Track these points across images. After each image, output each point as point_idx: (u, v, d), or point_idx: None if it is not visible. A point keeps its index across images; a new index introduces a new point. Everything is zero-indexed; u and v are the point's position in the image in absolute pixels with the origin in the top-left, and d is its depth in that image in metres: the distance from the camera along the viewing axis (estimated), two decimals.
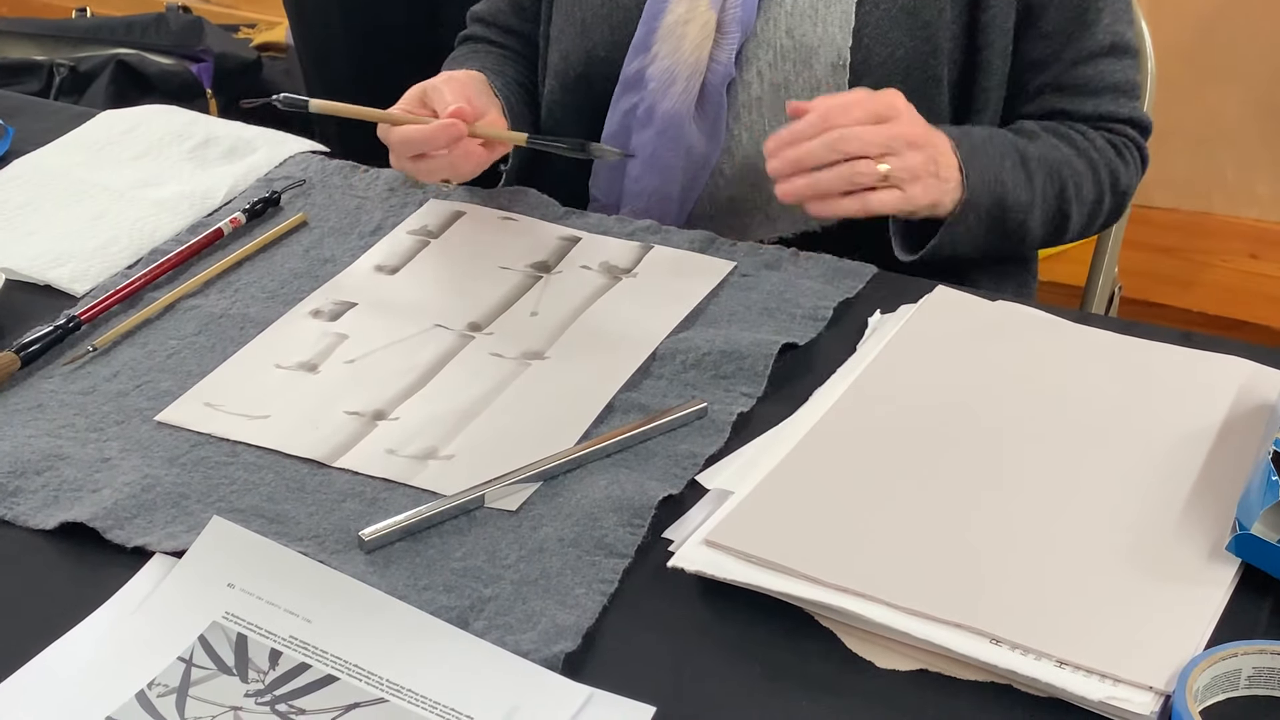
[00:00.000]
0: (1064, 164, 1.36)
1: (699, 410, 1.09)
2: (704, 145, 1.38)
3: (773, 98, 1.36)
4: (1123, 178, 1.41)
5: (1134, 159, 1.42)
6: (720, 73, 1.36)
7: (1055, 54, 1.38)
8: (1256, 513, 0.93)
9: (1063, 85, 1.39)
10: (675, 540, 0.98)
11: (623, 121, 1.40)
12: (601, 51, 1.41)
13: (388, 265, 1.28)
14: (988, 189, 1.29)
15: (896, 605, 0.91)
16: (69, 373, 1.15)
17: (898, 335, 1.16)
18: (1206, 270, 2.60)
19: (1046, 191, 1.34)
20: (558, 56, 1.45)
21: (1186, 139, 2.63)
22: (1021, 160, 1.33)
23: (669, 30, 1.37)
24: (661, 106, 1.37)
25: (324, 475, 1.05)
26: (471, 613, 0.93)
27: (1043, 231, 1.36)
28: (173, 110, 1.55)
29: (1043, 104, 1.40)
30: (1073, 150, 1.37)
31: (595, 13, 1.41)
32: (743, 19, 1.35)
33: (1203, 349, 1.13)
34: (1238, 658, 0.86)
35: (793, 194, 1.23)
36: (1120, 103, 1.40)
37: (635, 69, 1.38)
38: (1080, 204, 1.37)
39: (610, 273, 1.26)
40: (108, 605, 0.94)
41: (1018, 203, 1.32)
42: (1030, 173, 1.33)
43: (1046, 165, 1.35)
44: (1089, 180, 1.38)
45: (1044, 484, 1.01)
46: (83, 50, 2.74)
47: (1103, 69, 1.39)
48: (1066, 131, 1.38)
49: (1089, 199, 1.38)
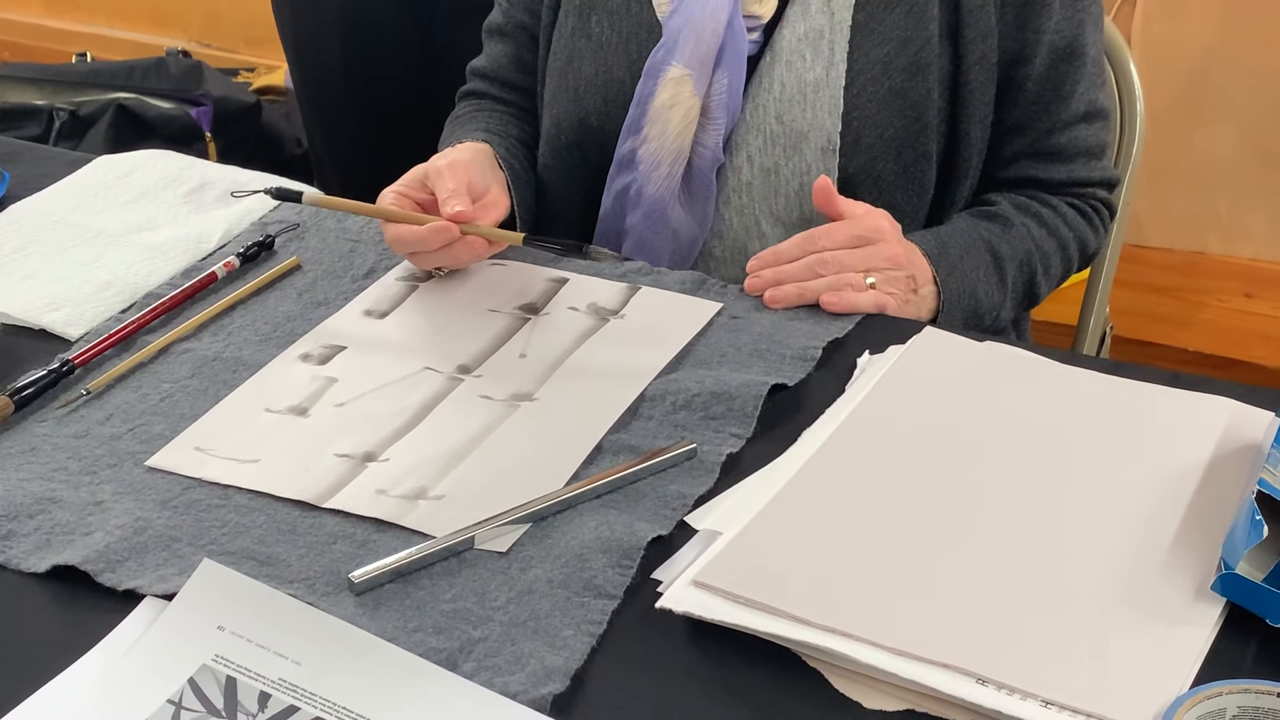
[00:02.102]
0: (1034, 251, 1.41)
1: (688, 451, 1.09)
2: (691, 229, 1.39)
3: (763, 182, 1.38)
4: (1090, 244, 1.48)
5: (1101, 221, 1.48)
6: (708, 158, 1.37)
7: (1031, 123, 1.40)
8: (1241, 552, 0.93)
9: (1037, 152, 1.41)
10: (664, 581, 0.98)
11: (617, 201, 1.41)
12: (594, 121, 1.42)
13: (377, 310, 1.29)
14: (962, 303, 1.35)
15: (884, 645, 0.91)
16: (62, 416, 1.16)
17: (886, 376, 1.16)
18: (1201, 309, 2.61)
19: (1017, 284, 1.40)
20: (550, 122, 1.46)
21: (1180, 178, 2.64)
22: (995, 263, 1.37)
23: (657, 113, 1.38)
24: (648, 190, 1.38)
25: (315, 518, 1.05)
26: (461, 654, 0.93)
27: (1013, 314, 1.43)
28: (168, 155, 1.56)
29: (1017, 170, 1.42)
30: (1044, 230, 1.42)
31: (589, 82, 1.42)
32: (729, 105, 1.36)
33: (1190, 389, 1.14)
34: (1223, 696, 0.86)
35: (780, 299, 1.26)
36: (1091, 166, 1.44)
37: (628, 149, 1.39)
38: (1049, 281, 1.44)
39: (598, 314, 1.27)
40: (98, 648, 0.94)
41: (991, 306, 1.38)
42: (1003, 274, 1.38)
43: (1018, 259, 1.40)
44: (1058, 259, 1.44)
45: (1030, 524, 1.01)
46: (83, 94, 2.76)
47: (1076, 135, 1.41)
48: (1039, 210, 1.42)
49: (1057, 274, 1.45)
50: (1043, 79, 1.38)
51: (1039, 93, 1.38)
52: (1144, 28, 2.59)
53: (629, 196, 1.40)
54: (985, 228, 1.39)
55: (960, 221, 1.40)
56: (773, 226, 1.39)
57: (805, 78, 1.35)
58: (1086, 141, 1.42)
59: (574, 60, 1.43)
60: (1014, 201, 1.42)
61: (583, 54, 1.42)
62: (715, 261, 1.42)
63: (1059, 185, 1.43)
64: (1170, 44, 2.58)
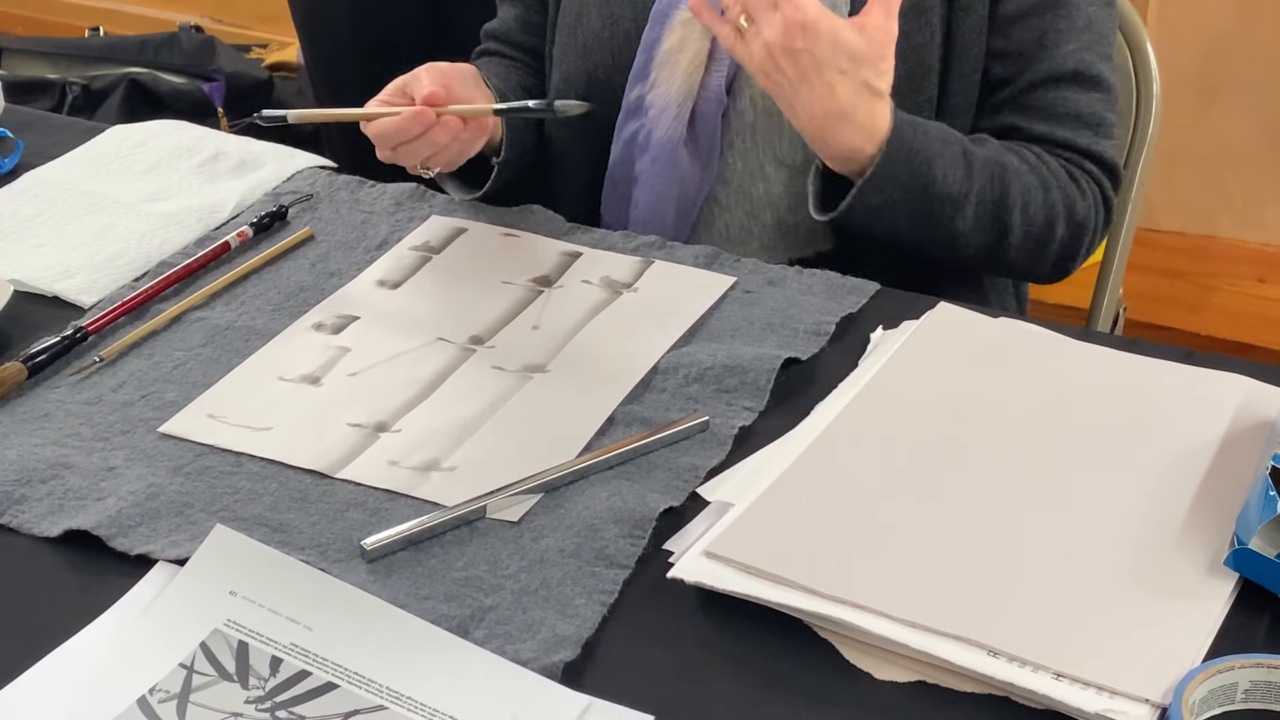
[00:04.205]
0: (1010, 170, 1.33)
1: (701, 424, 1.09)
2: (698, 172, 1.39)
3: (766, 124, 1.37)
4: (1079, 206, 1.37)
5: (1091, 192, 1.38)
6: (712, 101, 1.37)
7: (1016, 74, 1.37)
8: (1255, 527, 0.93)
9: (1021, 105, 1.37)
10: (675, 552, 0.98)
11: (625, 149, 1.41)
12: (602, 74, 1.42)
13: (390, 280, 1.29)
14: (910, 164, 1.27)
15: (895, 617, 0.91)
16: (75, 383, 1.16)
17: (899, 351, 1.16)
18: (1213, 294, 2.61)
19: (985, 191, 1.31)
20: (559, 78, 1.46)
21: (1193, 163, 2.63)
22: (964, 156, 1.30)
23: (665, 58, 1.38)
24: (656, 134, 1.38)
25: (327, 486, 1.05)
26: (472, 622, 0.93)
27: (977, 237, 1.33)
28: (182, 125, 1.56)
29: (999, 120, 1.38)
30: (1025, 165, 1.35)
31: (596, 36, 1.42)
32: None
33: (1204, 367, 1.14)
34: (1234, 671, 0.86)
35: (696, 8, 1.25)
36: (1081, 133, 1.37)
37: (636, 96, 1.40)
38: (1024, 216, 1.33)
39: (611, 287, 1.27)
40: (110, 612, 0.94)
41: (947, 190, 1.29)
42: (970, 167, 1.30)
43: (990, 167, 1.32)
44: (1038, 196, 1.34)
45: (1043, 498, 1.01)
46: (96, 69, 2.76)
47: (1064, 95, 1.37)
48: (1021, 149, 1.36)
49: (1038, 218, 1.34)
50: (1026, 27, 1.35)
51: (1024, 41, 1.35)
52: (1160, 9, 2.58)
53: (637, 143, 1.40)
54: (962, 135, 1.33)
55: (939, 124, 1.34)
56: (776, 169, 1.38)
57: None
58: (1075, 105, 1.37)
59: (583, 15, 1.44)
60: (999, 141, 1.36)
61: (590, 9, 1.43)
62: (720, 207, 1.41)
63: (1040, 139, 1.37)
64: (1186, 26, 2.57)
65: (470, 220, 1.37)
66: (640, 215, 1.41)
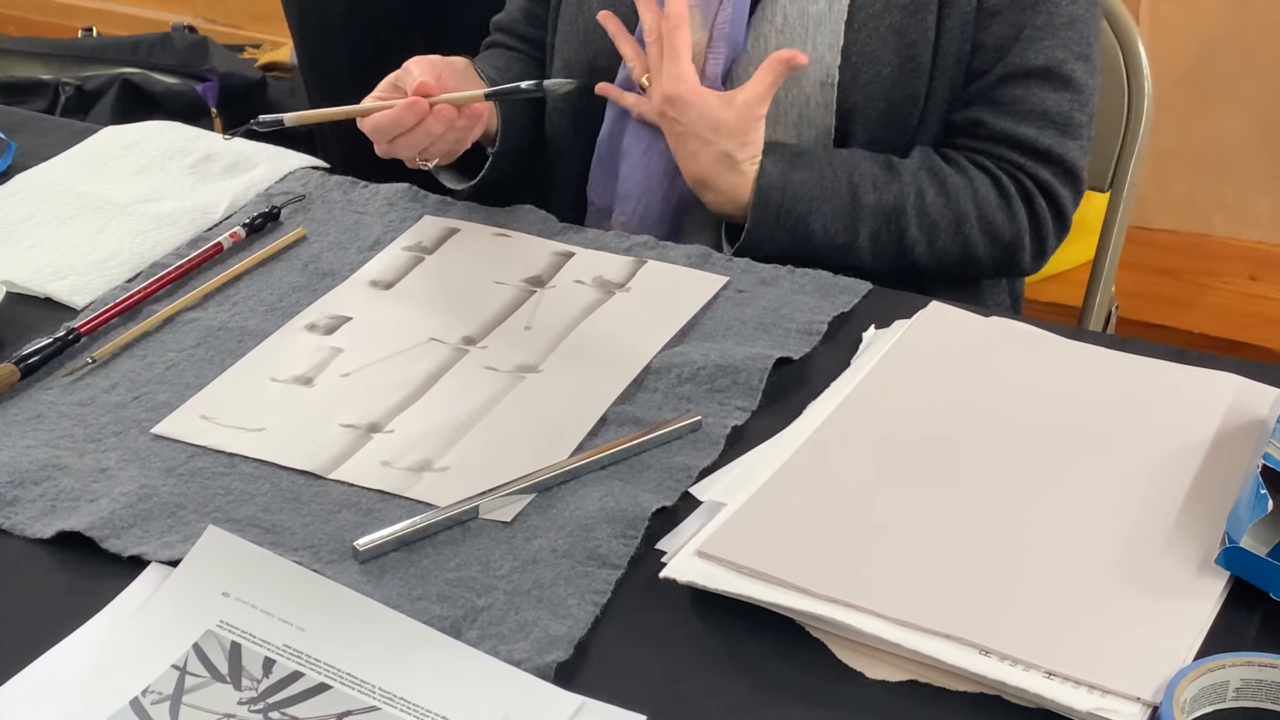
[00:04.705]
0: (911, 215, 1.35)
1: (693, 423, 1.09)
2: None
3: None
4: (1003, 231, 1.37)
5: (1023, 213, 1.38)
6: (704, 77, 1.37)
7: (989, 67, 1.37)
8: (1245, 526, 0.93)
9: (989, 99, 1.37)
10: (668, 551, 0.98)
11: (614, 125, 1.42)
12: (603, 60, 1.43)
13: (383, 280, 1.29)
14: (782, 224, 1.33)
15: (887, 616, 0.91)
16: (68, 384, 1.16)
17: (891, 350, 1.16)
18: (1206, 292, 2.61)
19: (880, 235, 1.35)
20: (560, 65, 1.47)
21: (1186, 161, 2.63)
22: (852, 204, 1.34)
23: None
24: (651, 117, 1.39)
25: (320, 486, 1.05)
26: (464, 622, 0.93)
27: (886, 265, 1.36)
28: (175, 126, 1.56)
29: (968, 114, 1.38)
30: (941, 199, 1.35)
31: (597, 24, 1.43)
32: (730, 36, 1.36)
33: (1196, 365, 1.14)
34: (1225, 669, 0.86)
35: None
36: (1045, 133, 1.37)
37: (625, 73, 1.41)
38: (931, 250, 1.37)
39: (604, 287, 1.27)
40: (103, 613, 0.94)
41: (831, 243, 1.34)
42: (858, 218, 1.34)
43: (885, 213, 1.34)
44: (947, 232, 1.36)
45: (1034, 496, 1.01)
46: (88, 69, 2.76)
47: (1032, 92, 1.36)
48: (947, 176, 1.36)
49: (949, 249, 1.37)
50: (1005, 22, 1.35)
51: (1000, 36, 1.36)
52: (1153, 8, 2.59)
53: (630, 120, 1.41)
54: (864, 171, 1.35)
55: (842, 154, 1.36)
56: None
57: (808, 10, 1.35)
58: (1043, 103, 1.36)
59: (585, 3, 1.45)
60: (924, 161, 1.37)
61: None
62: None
63: (1002, 136, 1.37)
64: (1179, 25, 2.57)
65: (463, 220, 1.37)
66: (628, 190, 1.42)
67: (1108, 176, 1.60)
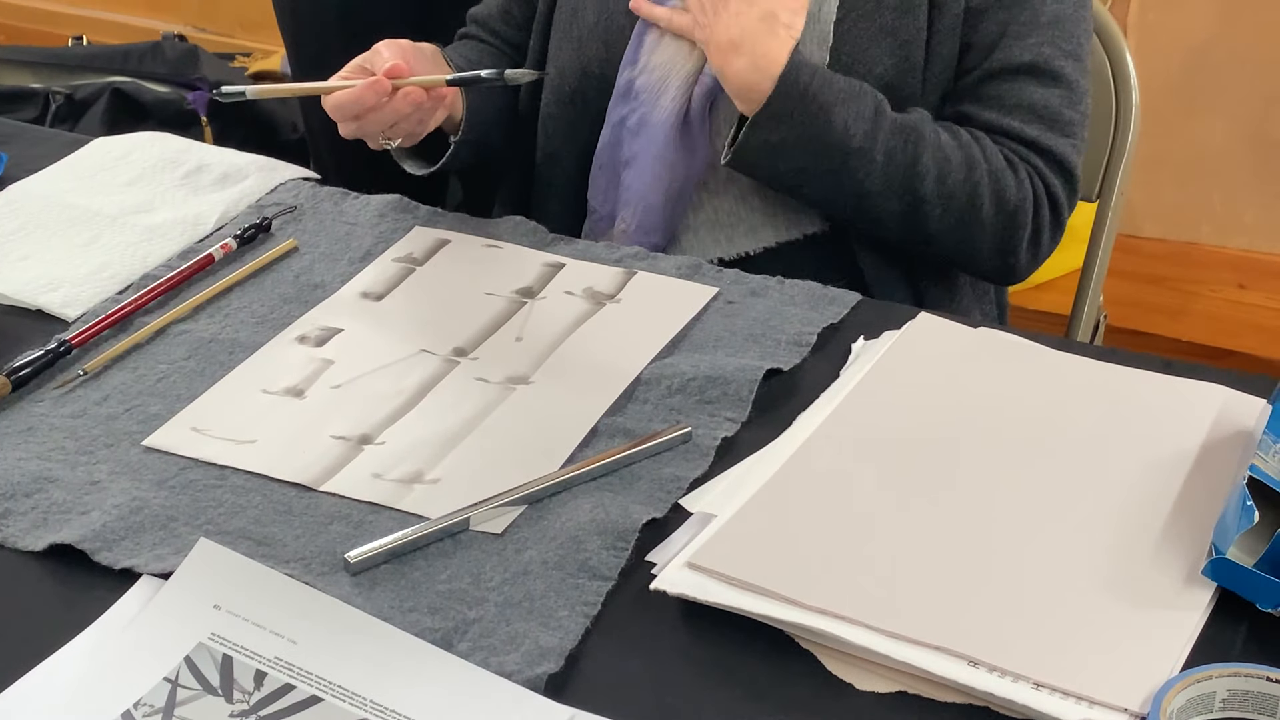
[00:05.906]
0: (927, 139, 1.33)
1: (683, 435, 1.10)
2: (689, 158, 1.40)
3: None
4: (1010, 193, 1.35)
5: (1030, 184, 1.36)
6: (705, 85, 1.38)
7: (977, 63, 1.37)
8: (1232, 537, 0.94)
9: (976, 95, 1.38)
10: (658, 563, 0.99)
11: (615, 132, 1.43)
12: (596, 67, 1.44)
13: (373, 292, 1.29)
14: (804, 105, 1.29)
15: (876, 628, 0.91)
16: (59, 396, 1.16)
17: (881, 361, 1.17)
18: (1195, 300, 2.62)
19: (895, 151, 1.31)
20: (554, 72, 1.48)
21: (1174, 169, 2.64)
22: (875, 111, 1.31)
23: (655, 45, 1.40)
24: (651, 118, 1.39)
25: (311, 498, 1.06)
26: (455, 634, 0.94)
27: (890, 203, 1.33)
28: (165, 137, 1.56)
29: (954, 108, 1.39)
30: (954, 141, 1.35)
31: (590, 30, 1.44)
32: None
33: (1182, 376, 1.14)
34: (1212, 680, 0.87)
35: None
36: (1030, 124, 1.36)
37: (626, 80, 1.41)
38: (940, 187, 1.33)
39: (594, 298, 1.27)
40: (95, 626, 0.94)
41: (845, 137, 1.30)
42: (879, 125, 1.31)
43: (903, 130, 1.32)
44: (959, 172, 1.33)
45: (1023, 507, 1.02)
46: (78, 78, 2.76)
47: (1017, 87, 1.37)
48: (956, 129, 1.36)
49: (957, 194, 1.34)
50: (991, 20, 1.36)
51: (986, 34, 1.36)
52: (1141, 16, 2.60)
53: (627, 126, 1.41)
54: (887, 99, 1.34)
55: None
56: None
57: None
58: (1030, 97, 1.36)
59: (578, 10, 1.46)
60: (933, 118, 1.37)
61: (586, 3, 1.46)
62: (708, 192, 1.42)
63: (986, 126, 1.37)
64: (1166, 33, 2.58)
65: (453, 232, 1.37)
66: (630, 197, 1.42)
67: (1096, 185, 1.61)
